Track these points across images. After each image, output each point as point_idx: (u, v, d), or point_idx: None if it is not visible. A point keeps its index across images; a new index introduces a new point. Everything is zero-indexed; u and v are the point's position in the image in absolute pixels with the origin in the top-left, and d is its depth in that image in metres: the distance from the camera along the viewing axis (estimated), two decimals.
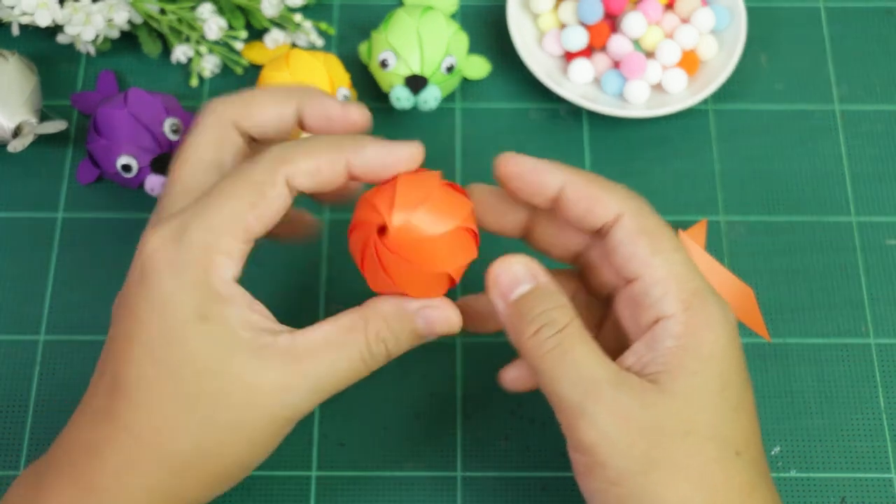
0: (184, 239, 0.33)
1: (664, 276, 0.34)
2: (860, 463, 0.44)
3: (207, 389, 0.33)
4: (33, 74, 0.49)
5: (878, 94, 0.52)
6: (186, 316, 0.33)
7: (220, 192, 0.33)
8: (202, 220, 0.33)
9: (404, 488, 0.44)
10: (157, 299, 0.33)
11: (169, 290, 0.33)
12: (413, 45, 0.48)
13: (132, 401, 0.33)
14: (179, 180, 0.35)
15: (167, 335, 0.33)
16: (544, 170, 0.35)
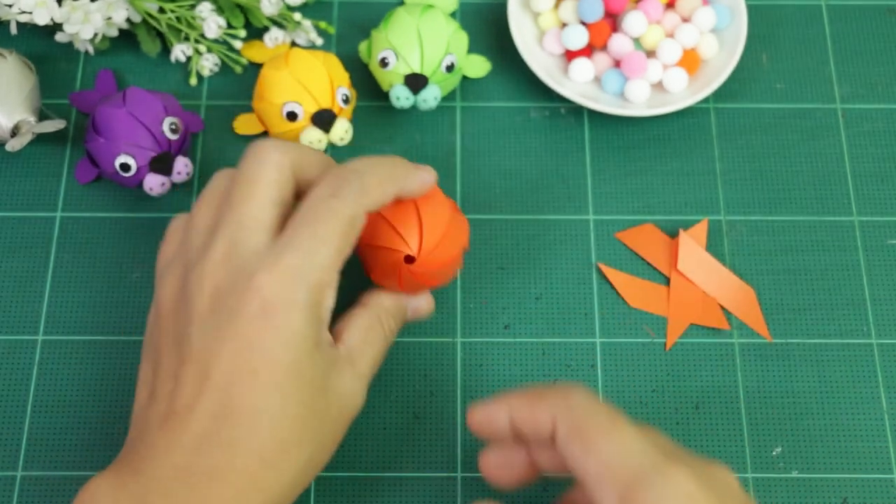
0: (303, 280, 0.36)
1: (597, 473, 0.33)
2: (862, 464, 0.44)
3: (317, 407, 0.37)
4: (32, 73, 0.49)
5: (880, 92, 0.52)
6: (308, 346, 0.36)
7: (320, 233, 0.36)
8: (314, 260, 0.36)
9: (404, 488, 0.43)
10: (288, 337, 0.36)
11: (298, 327, 0.36)
12: (413, 43, 0.48)
13: (257, 429, 0.35)
14: (249, 211, 0.37)
15: (291, 365, 0.36)
16: (494, 411, 0.38)
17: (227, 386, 0.35)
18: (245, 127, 0.50)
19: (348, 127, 0.47)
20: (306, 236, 0.36)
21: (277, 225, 0.38)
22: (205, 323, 0.36)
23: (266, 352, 0.36)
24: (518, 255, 0.48)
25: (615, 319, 0.47)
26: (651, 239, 0.48)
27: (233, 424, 0.35)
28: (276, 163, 0.38)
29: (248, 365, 0.35)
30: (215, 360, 0.36)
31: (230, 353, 0.36)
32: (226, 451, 0.35)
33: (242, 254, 0.37)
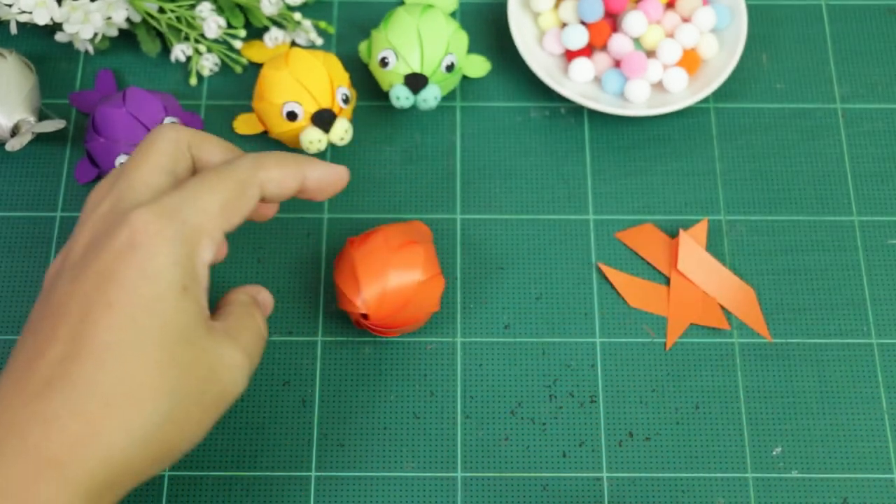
0: (177, 217, 0.35)
1: None
2: (862, 463, 0.44)
3: (179, 359, 0.34)
4: (32, 73, 0.49)
5: (880, 92, 0.52)
6: (172, 287, 0.34)
7: (208, 183, 0.36)
8: (195, 203, 0.35)
9: (404, 488, 0.43)
10: (151, 269, 0.34)
11: (163, 262, 0.34)
12: (413, 43, 0.48)
13: (103, 367, 0.33)
14: (140, 175, 0.37)
15: (152, 303, 0.34)
16: None
17: (79, 324, 0.33)
18: (245, 127, 0.50)
19: (348, 127, 0.47)
20: (191, 186, 0.36)
21: (163, 190, 0.37)
22: (73, 269, 0.35)
23: (125, 284, 0.34)
24: (518, 255, 0.48)
25: (615, 319, 0.47)
26: (651, 239, 0.48)
27: (78, 364, 0.33)
28: (170, 138, 0.38)
29: (104, 297, 0.34)
30: (72, 299, 0.34)
31: (89, 289, 0.34)
32: (66, 393, 0.32)
33: (124, 205, 0.36)
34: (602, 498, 0.43)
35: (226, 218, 0.36)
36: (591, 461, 0.44)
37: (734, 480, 0.44)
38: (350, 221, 0.49)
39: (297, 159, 0.39)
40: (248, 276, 0.47)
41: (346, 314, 0.46)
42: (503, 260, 0.48)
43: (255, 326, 0.38)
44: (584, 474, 0.44)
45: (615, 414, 0.45)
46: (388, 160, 0.50)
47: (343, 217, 0.49)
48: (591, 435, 0.45)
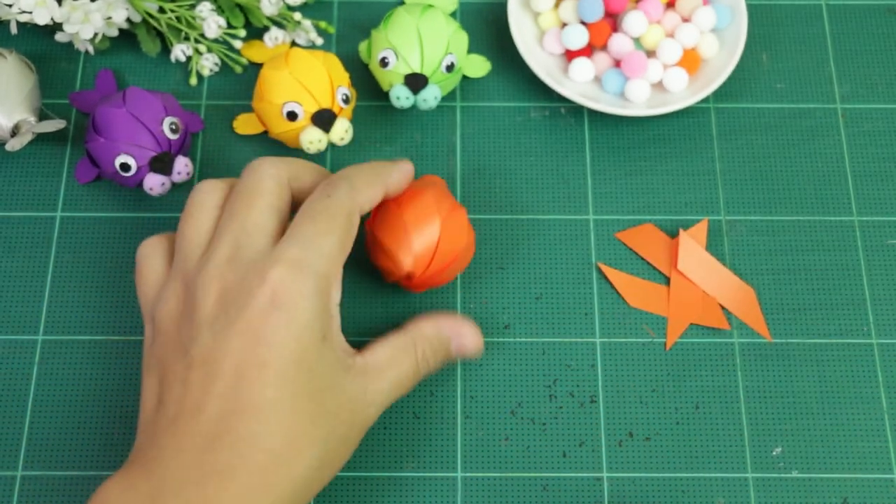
0: (310, 270, 0.37)
1: None
2: (862, 464, 0.44)
3: (326, 406, 0.37)
4: (32, 73, 0.49)
5: (880, 92, 0.52)
6: (315, 339, 0.37)
7: (323, 226, 0.38)
8: (320, 251, 0.37)
9: (404, 488, 0.43)
10: (296, 327, 0.36)
11: (306, 318, 0.36)
12: (413, 43, 0.48)
13: (266, 422, 0.35)
14: (252, 219, 0.39)
15: (300, 358, 0.36)
16: None
17: (236, 381, 0.35)
18: (245, 127, 0.50)
19: (348, 127, 0.47)
20: (308, 231, 0.38)
21: (278, 231, 0.39)
22: (213, 324, 0.37)
23: (275, 343, 0.36)
24: (518, 255, 0.48)
25: (615, 319, 0.47)
26: (651, 239, 0.48)
27: (242, 420, 0.35)
28: (272, 174, 0.40)
29: (257, 358, 0.36)
30: (224, 356, 0.36)
31: (238, 347, 0.36)
32: (235, 447, 0.35)
33: (248, 255, 0.37)
34: (602, 498, 0.43)
35: (344, 255, 0.39)
36: (591, 461, 0.44)
37: (734, 480, 0.44)
38: None
39: (377, 171, 0.41)
40: None
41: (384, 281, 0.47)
42: (503, 260, 0.48)
43: (408, 365, 0.40)
44: (584, 474, 0.44)
45: (615, 414, 0.45)
46: (389, 160, 0.50)
47: None
48: (591, 435, 0.45)
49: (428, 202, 0.44)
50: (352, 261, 0.48)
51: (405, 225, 0.43)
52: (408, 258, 0.43)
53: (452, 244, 0.44)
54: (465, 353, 0.43)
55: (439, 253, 0.43)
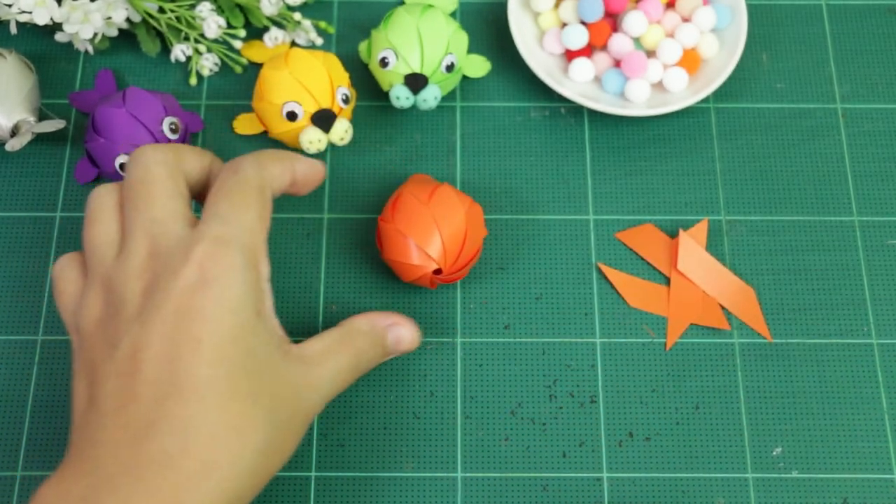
0: (234, 243, 0.35)
1: None
2: (862, 464, 0.44)
3: (266, 386, 0.35)
4: (31, 73, 0.49)
5: (880, 92, 0.52)
6: (249, 314, 0.35)
7: (238, 200, 0.37)
8: (240, 223, 0.36)
9: (404, 488, 0.43)
10: (229, 299, 0.34)
11: (239, 290, 0.35)
12: (413, 43, 0.48)
13: (204, 403, 0.33)
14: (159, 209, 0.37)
15: (236, 333, 0.34)
16: None
17: (169, 363, 0.33)
18: (245, 127, 0.50)
19: (348, 127, 0.47)
20: (224, 208, 0.36)
21: (189, 215, 0.37)
22: (140, 314, 0.35)
23: (207, 318, 0.34)
24: (518, 255, 0.48)
25: (615, 319, 0.47)
26: (651, 239, 0.48)
27: (178, 402, 0.33)
28: (160, 160, 0.38)
29: (190, 335, 0.34)
30: (153, 341, 0.34)
31: (169, 328, 0.34)
32: (173, 433, 0.33)
33: (167, 243, 0.36)
34: (602, 498, 0.43)
35: (264, 228, 0.37)
36: (591, 461, 0.44)
37: (734, 481, 0.44)
38: (350, 221, 0.49)
39: (285, 154, 0.40)
40: None
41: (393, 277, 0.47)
42: (503, 260, 0.48)
43: (347, 356, 0.39)
44: (584, 474, 0.44)
45: (615, 414, 0.45)
46: (388, 160, 0.50)
47: (343, 217, 0.49)
48: (591, 435, 0.45)
49: (450, 194, 0.44)
50: (360, 262, 0.48)
51: (432, 216, 0.43)
52: (437, 251, 0.43)
53: (476, 235, 0.45)
54: (402, 346, 0.42)
55: (468, 243, 0.44)
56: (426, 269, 0.44)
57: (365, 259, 0.48)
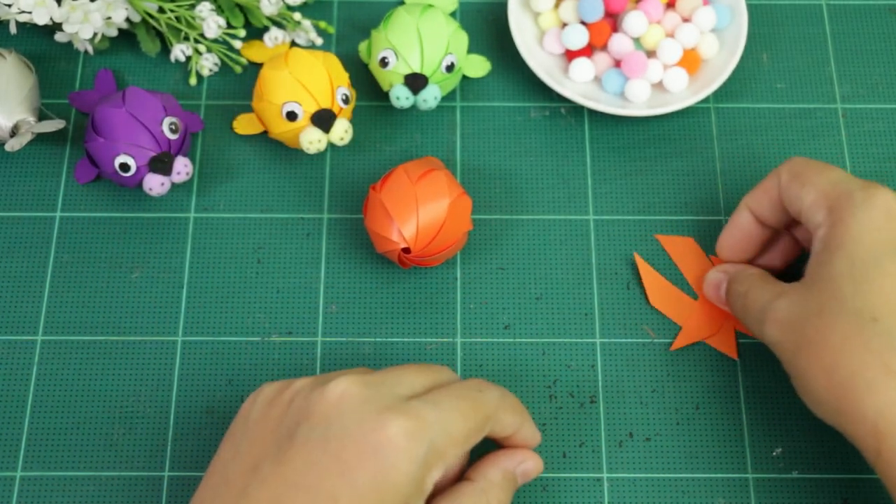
0: (427, 436, 0.35)
1: (812, 199, 0.41)
2: (862, 464, 0.44)
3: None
4: (31, 73, 0.49)
5: (880, 92, 0.52)
6: (397, 501, 0.34)
7: (462, 409, 0.37)
8: (446, 425, 0.36)
9: None
10: (385, 481, 0.34)
11: (400, 479, 0.34)
12: (413, 43, 0.48)
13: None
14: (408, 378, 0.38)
15: None
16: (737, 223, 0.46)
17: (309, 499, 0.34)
18: (245, 127, 0.50)
19: (348, 127, 0.47)
20: (449, 405, 0.36)
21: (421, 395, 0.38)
22: (312, 429, 0.35)
23: (356, 484, 0.34)
24: (518, 255, 0.48)
25: (615, 319, 0.47)
26: (688, 251, 0.48)
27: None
28: None
29: (331, 488, 0.34)
30: (307, 469, 0.34)
31: (322, 468, 0.34)
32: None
33: (385, 390, 0.36)
34: (602, 498, 0.43)
35: (466, 446, 0.37)
36: (591, 461, 0.44)
37: (734, 481, 0.44)
38: (350, 221, 0.49)
39: (522, 409, 0.40)
40: (248, 277, 0.47)
41: (386, 259, 0.47)
42: (503, 260, 0.48)
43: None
44: (584, 475, 0.44)
45: (615, 414, 0.45)
46: (388, 160, 0.50)
47: (343, 217, 0.49)
48: (591, 435, 0.45)
49: (440, 180, 0.44)
50: (360, 262, 0.48)
51: (416, 197, 0.44)
52: (411, 231, 0.43)
53: (456, 227, 0.44)
54: (529, 478, 0.41)
55: (443, 232, 0.44)
56: (396, 245, 0.44)
57: (365, 259, 0.48)
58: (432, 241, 0.44)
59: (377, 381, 0.37)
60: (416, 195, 0.44)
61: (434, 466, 0.35)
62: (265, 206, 0.49)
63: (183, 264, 0.48)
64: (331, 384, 0.36)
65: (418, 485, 0.35)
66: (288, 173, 0.50)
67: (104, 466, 0.44)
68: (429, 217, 0.44)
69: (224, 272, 0.47)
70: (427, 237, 0.44)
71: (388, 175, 0.45)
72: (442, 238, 0.44)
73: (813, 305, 0.39)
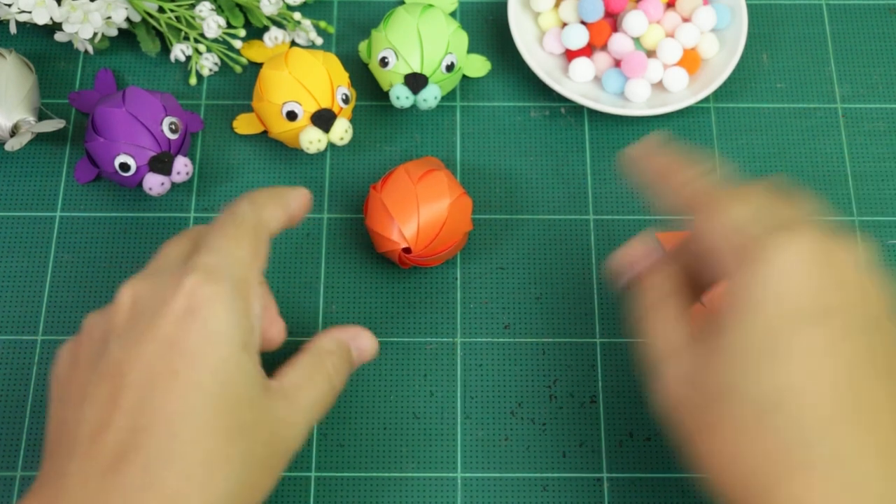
0: (224, 274, 0.34)
1: (720, 240, 0.35)
2: None
3: (245, 422, 0.34)
4: (31, 73, 0.49)
5: (880, 92, 0.52)
6: (234, 346, 0.34)
7: (230, 235, 0.36)
8: (231, 257, 0.35)
9: (404, 488, 0.43)
10: (213, 331, 0.33)
11: (224, 322, 0.34)
12: (413, 43, 0.48)
13: (177, 437, 0.32)
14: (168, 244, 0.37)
15: (217, 367, 0.33)
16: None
17: (145, 393, 0.33)
18: (245, 127, 0.50)
19: (348, 127, 0.47)
20: (218, 241, 0.36)
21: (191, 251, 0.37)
22: (122, 336, 0.34)
23: (189, 350, 0.33)
24: (518, 255, 0.48)
25: (615, 319, 0.47)
26: None
27: (151, 436, 0.32)
28: None
29: (168, 366, 0.33)
30: (132, 367, 0.33)
31: (149, 357, 0.33)
32: (144, 468, 0.32)
33: (161, 268, 0.36)
34: (602, 498, 0.43)
35: (258, 265, 0.36)
36: (591, 461, 0.44)
37: None
38: (350, 221, 0.49)
39: (275, 191, 0.39)
40: None
41: (386, 259, 0.47)
42: (503, 260, 0.48)
43: (322, 381, 0.38)
44: (584, 475, 0.44)
45: (615, 414, 0.45)
46: (388, 160, 0.50)
47: (343, 217, 0.49)
48: (591, 435, 0.45)
49: (441, 180, 0.45)
50: (360, 262, 0.48)
51: (416, 197, 0.44)
52: (412, 231, 0.44)
53: (456, 227, 0.45)
54: (364, 356, 0.41)
55: (444, 233, 0.44)
56: (397, 245, 0.44)
57: (365, 259, 0.48)
58: (433, 241, 0.44)
59: (152, 269, 0.36)
60: (417, 195, 0.44)
61: (249, 295, 0.35)
62: None
63: None
64: (116, 296, 0.35)
65: (245, 319, 0.35)
66: (288, 173, 0.50)
67: None
68: (430, 217, 0.44)
69: None
70: (428, 237, 0.44)
71: (388, 175, 0.45)
72: (443, 238, 0.44)
73: (712, 385, 0.34)
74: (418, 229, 0.44)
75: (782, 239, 0.33)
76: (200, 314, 0.34)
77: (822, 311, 0.33)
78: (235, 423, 0.33)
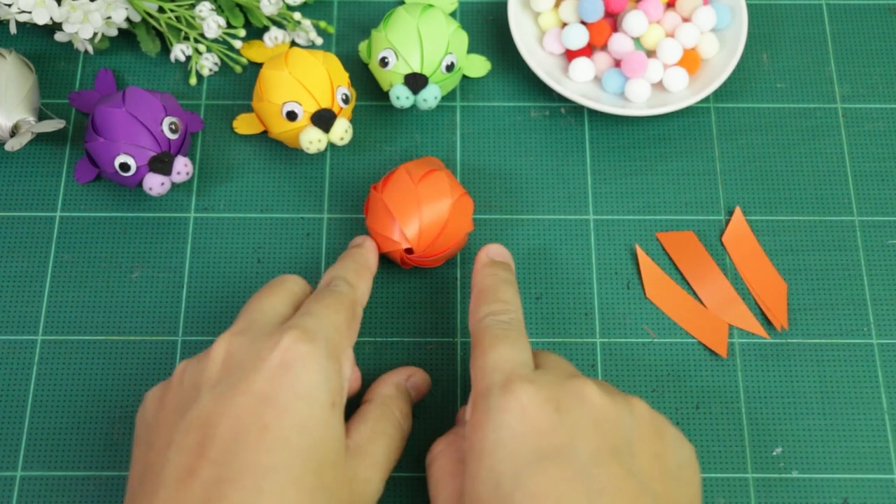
0: (320, 335, 0.36)
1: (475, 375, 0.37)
2: (862, 464, 0.44)
3: (327, 482, 0.34)
4: (31, 73, 0.49)
5: (881, 92, 0.52)
6: (323, 405, 0.35)
7: (331, 305, 0.38)
8: (329, 322, 0.37)
9: (404, 488, 0.43)
10: (304, 388, 0.35)
11: (316, 379, 0.35)
12: (413, 43, 0.48)
13: (261, 492, 0.32)
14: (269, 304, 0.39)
15: (305, 423, 0.34)
16: None
17: (233, 445, 0.33)
18: (245, 127, 0.50)
19: (348, 127, 0.47)
20: (318, 307, 0.38)
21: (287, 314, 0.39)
22: (215, 386, 0.35)
23: (280, 405, 0.34)
24: (518, 255, 0.48)
25: (615, 319, 0.47)
26: (688, 246, 0.48)
27: (236, 488, 0.32)
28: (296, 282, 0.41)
29: (259, 420, 0.33)
30: (222, 418, 0.34)
31: (240, 409, 0.34)
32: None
33: (259, 327, 0.37)
34: None
35: (351, 335, 0.39)
36: None
37: (734, 480, 0.44)
38: (350, 221, 0.49)
39: (358, 263, 0.42)
40: (247, 276, 0.47)
41: None
42: None
43: (392, 429, 0.39)
44: None
45: None
46: (388, 160, 0.50)
47: (343, 217, 0.49)
48: None
49: (442, 180, 0.45)
50: None
51: (418, 197, 0.44)
52: (414, 231, 0.44)
53: (458, 228, 0.45)
54: (421, 393, 0.43)
55: (445, 233, 0.44)
56: (399, 245, 0.44)
57: None
58: (434, 241, 0.44)
59: (245, 325, 0.38)
60: (419, 195, 0.44)
61: (341, 356, 0.37)
62: (265, 205, 0.49)
63: (183, 264, 0.48)
64: (211, 349, 0.37)
65: (335, 380, 0.36)
66: (288, 173, 0.50)
67: (104, 466, 0.44)
68: (431, 217, 0.44)
69: (224, 272, 0.47)
70: (429, 237, 0.44)
71: (389, 175, 0.45)
72: (444, 238, 0.44)
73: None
74: (420, 229, 0.44)
75: (507, 389, 0.35)
76: (294, 370, 0.35)
77: (547, 453, 0.34)
78: (319, 482, 0.34)
